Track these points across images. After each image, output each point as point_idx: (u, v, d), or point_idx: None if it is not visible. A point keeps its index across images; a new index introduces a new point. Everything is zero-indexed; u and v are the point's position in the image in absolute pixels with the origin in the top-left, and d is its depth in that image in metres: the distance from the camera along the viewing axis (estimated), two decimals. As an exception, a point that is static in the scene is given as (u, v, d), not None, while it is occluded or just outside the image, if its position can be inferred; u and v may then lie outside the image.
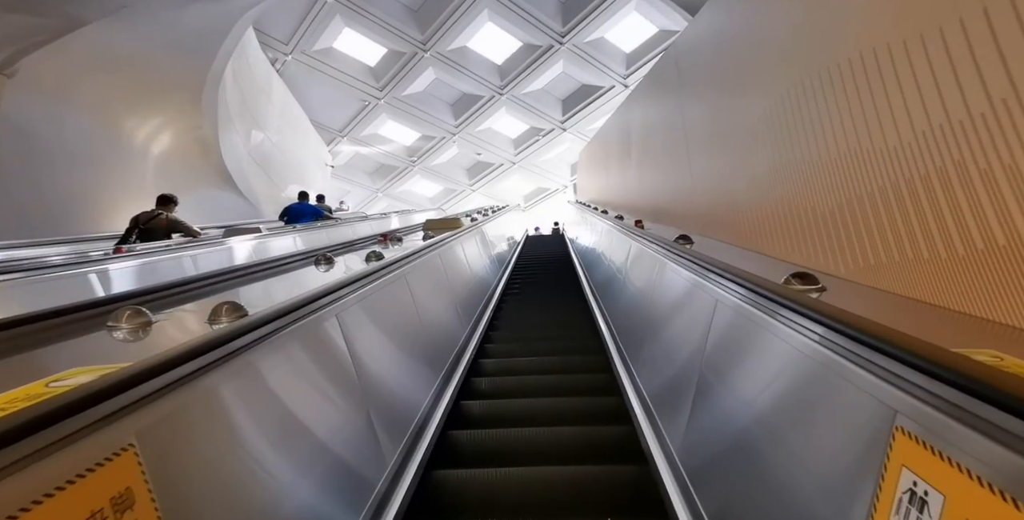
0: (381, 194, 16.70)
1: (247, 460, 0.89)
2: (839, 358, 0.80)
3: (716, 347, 1.31)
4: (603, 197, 7.66)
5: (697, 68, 2.91)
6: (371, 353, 1.61)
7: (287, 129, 11.50)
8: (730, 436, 1.15)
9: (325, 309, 1.28)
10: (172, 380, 0.72)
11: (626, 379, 2.36)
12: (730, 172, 2.38)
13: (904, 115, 1.14)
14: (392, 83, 12.19)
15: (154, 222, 4.64)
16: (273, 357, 1.06)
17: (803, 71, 1.64)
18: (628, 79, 12.01)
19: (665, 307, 2.11)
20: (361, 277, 1.53)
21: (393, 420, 1.59)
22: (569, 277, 5.77)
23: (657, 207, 3.94)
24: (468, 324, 3.34)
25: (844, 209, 1.37)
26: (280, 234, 4.78)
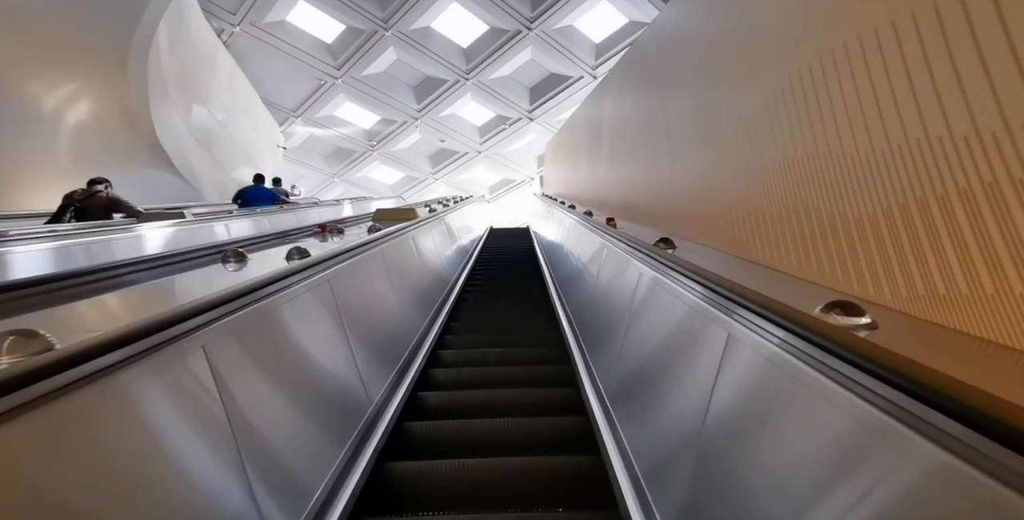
0: (338, 179, 15.92)
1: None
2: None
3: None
4: (571, 191, 7.40)
5: (682, 54, 2.63)
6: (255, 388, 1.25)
7: (234, 106, 10.64)
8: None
9: (172, 344, 0.90)
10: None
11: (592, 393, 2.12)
12: (722, 168, 2.12)
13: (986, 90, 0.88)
14: (350, 62, 11.49)
15: (93, 200, 4.24)
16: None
17: (822, 44, 1.37)
18: (597, 70, 11.77)
19: (651, 328, 1.83)
20: (236, 296, 1.13)
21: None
22: (533, 273, 5.50)
23: (631, 204, 3.68)
24: (420, 328, 3.00)
25: (881, 218, 1.11)
26: (210, 220, 4.25)
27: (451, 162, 15.71)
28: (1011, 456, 0.46)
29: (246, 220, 4.73)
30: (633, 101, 3.79)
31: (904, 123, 1.06)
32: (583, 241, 3.91)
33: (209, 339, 0.97)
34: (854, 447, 0.67)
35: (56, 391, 0.66)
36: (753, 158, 1.81)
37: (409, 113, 13.39)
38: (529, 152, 15.67)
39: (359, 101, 12.91)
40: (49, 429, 0.65)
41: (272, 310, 1.34)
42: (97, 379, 0.72)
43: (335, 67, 11.62)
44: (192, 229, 3.73)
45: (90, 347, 0.71)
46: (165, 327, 0.83)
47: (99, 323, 0.91)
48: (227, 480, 0.94)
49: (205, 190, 9.24)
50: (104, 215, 4.13)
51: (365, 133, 14.39)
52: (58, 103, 6.19)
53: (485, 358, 2.89)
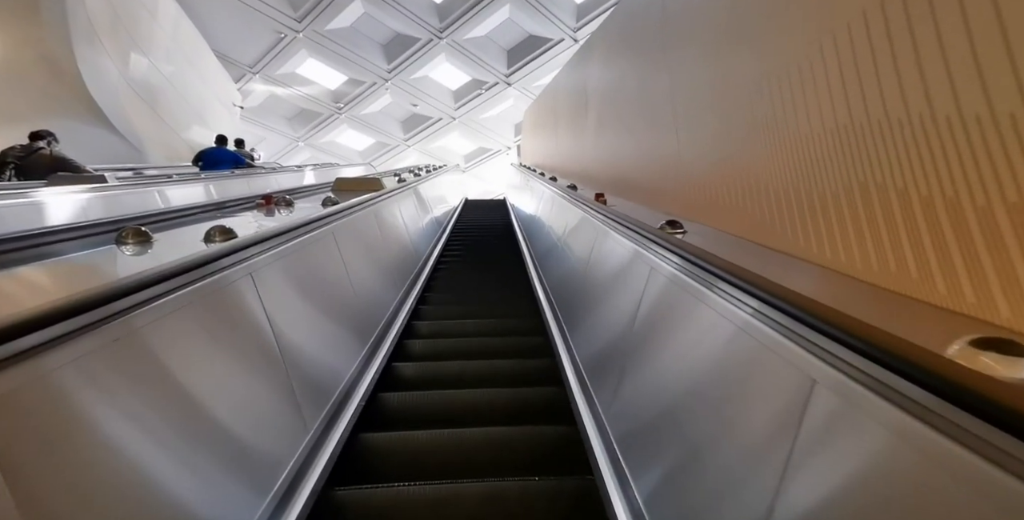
0: (303, 143, 14.95)
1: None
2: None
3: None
4: (551, 162, 6.96)
5: (695, 8, 2.20)
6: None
7: (181, 58, 9.60)
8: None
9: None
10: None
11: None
12: (744, 139, 1.74)
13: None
14: (312, 14, 10.49)
15: (35, 158, 3.90)
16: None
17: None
18: (578, 33, 11.11)
19: (656, 323, 1.51)
20: (91, 304, 0.74)
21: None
22: (510, 247, 5.12)
23: (623, 179, 3.30)
24: (390, 305, 2.60)
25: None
26: (140, 185, 3.66)
27: (424, 128, 14.91)
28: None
29: (186, 187, 4.14)
30: (627, 64, 3.34)
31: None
32: (567, 217, 3.53)
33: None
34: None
35: None
36: (789, 125, 1.44)
37: (379, 74, 12.49)
38: (506, 120, 14.99)
39: (323, 58, 11.93)
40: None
41: (159, 315, 0.94)
42: None
43: (296, 19, 10.60)
44: (111, 196, 3.16)
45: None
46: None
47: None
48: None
49: (149, 151, 8.38)
50: (48, 173, 3.62)
51: (331, 94, 13.42)
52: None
53: (463, 329, 2.85)
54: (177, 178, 4.63)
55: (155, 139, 8.69)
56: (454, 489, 1.46)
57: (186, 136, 9.83)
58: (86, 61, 6.55)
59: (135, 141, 7.97)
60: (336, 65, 12.23)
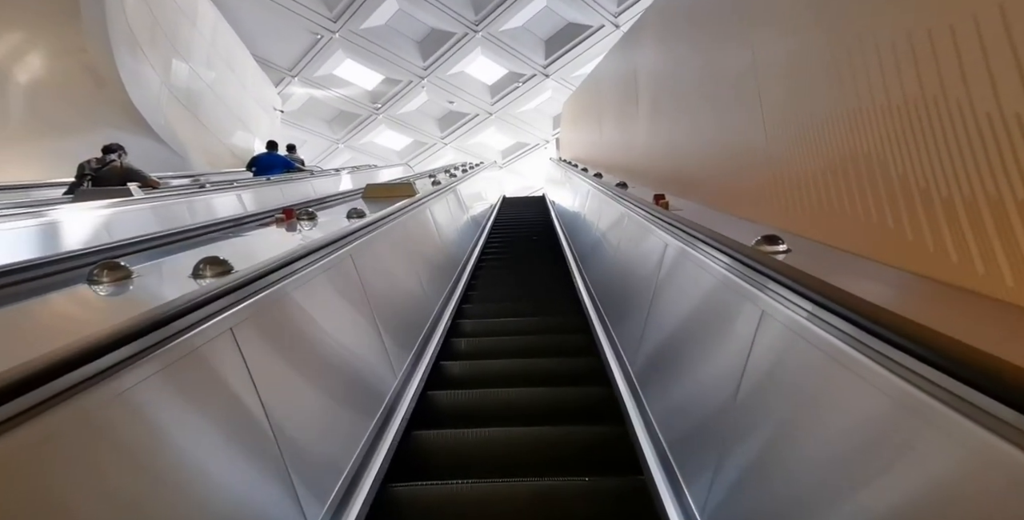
0: (342, 145, 15.02)
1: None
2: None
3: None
4: (593, 156, 6.49)
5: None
6: None
7: (221, 63, 9.70)
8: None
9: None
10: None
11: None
12: (885, 124, 1.28)
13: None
14: (347, 13, 10.37)
15: (107, 169, 4.20)
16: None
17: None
18: (620, 18, 10.50)
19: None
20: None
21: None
22: (551, 251, 4.72)
23: (686, 176, 2.83)
24: (422, 329, 2.29)
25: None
26: (167, 198, 3.49)
27: (460, 125, 14.66)
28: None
29: (216, 197, 3.98)
30: (690, 41, 2.86)
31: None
32: (617, 221, 3.09)
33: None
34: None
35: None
36: (962, 103, 0.98)
37: (414, 72, 12.30)
38: (544, 113, 14.52)
39: (360, 58, 11.84)
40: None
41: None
42: None
43: (331, 19, 10.51)
44: (132, 212, 2.99)
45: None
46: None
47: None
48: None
49: (191, 157, 8.48)
50: (120, 184, 4.01)
51: (368, 94, 13.36)
52: (3, 55, 5.38)
53: (504, 328, 2.88)
54: (210, 187, 4.50)
55: (197, 145, 8.80)
56: (504, 487, 1.47)
57: (228, 141, 9.95)
58: (127, 70, 6.61)
59: (178, 148, 8.07)
60: (372, 65, 12.13)
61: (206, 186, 4.50)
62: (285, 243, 1.73)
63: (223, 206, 3.86)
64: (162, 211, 3.23)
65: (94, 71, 6.19)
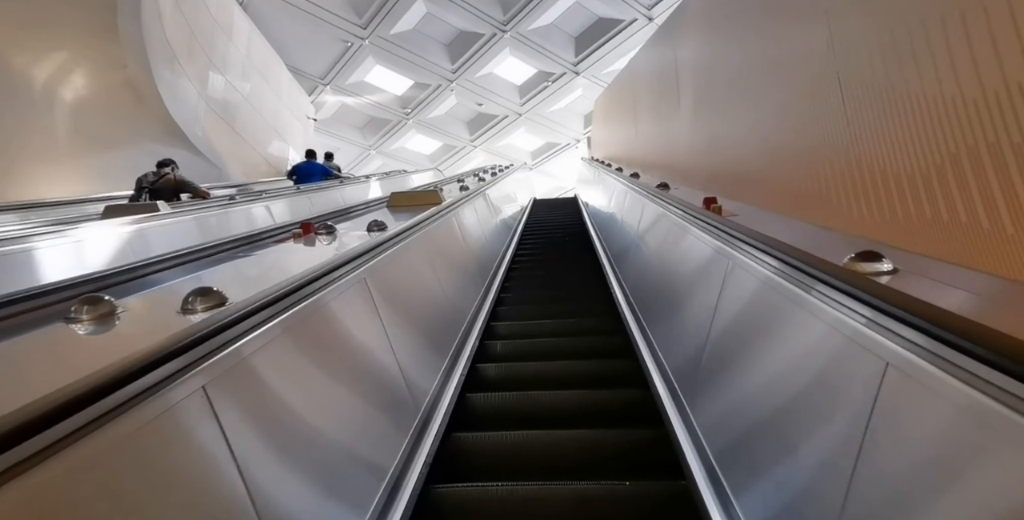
0: (374, 151, 15.16)
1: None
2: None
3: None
4: (628, 154, 6.20)
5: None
6: None
7: (256, 75, 9.89)
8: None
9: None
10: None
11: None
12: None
13: None
14: (376, 19, 10.40)
15: (163, 182, 4.54)
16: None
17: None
18: (653, 10, 10.11)
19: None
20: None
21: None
22: (585, 254, 4.48)
23: (739, 175, 2.55)
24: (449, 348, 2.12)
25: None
26: (192, 211, 3.45)
27: (490, 127, 14.54)
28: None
29: (243, 209, 3.93)
30: (746, 27, 2.57)
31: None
32: (661, 228, 2.83)
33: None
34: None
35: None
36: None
37: (443, 75, 12.25)
38: (574, 111, 14.23)
39: (389, 64, 11.88)
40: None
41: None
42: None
43: (361, 25, 10.57)
44: (157, 228, 2.93)
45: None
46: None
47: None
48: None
49: (228, 168, 8.65)
50: (173, 196, 4.47)
51: (398, 100, 13.42)
52: (50, 77, 5.56)
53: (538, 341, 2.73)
54: (240, 199, 4.48)
55: (233, 156, 8.97)
56: (543, 491, 1.47)
57: (263, 151, 10.14)
58: (166, 83, 6.76)
59: (215, 159, 8.24)
60: (402, 70, 12.15)
61: (236, 198, 4.48)
62: (299, 262, 1.57)
63: (249, 219, 3.80)
64: (187, 226, 3.18)
65: (134, 86, 6.35)
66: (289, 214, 4.56)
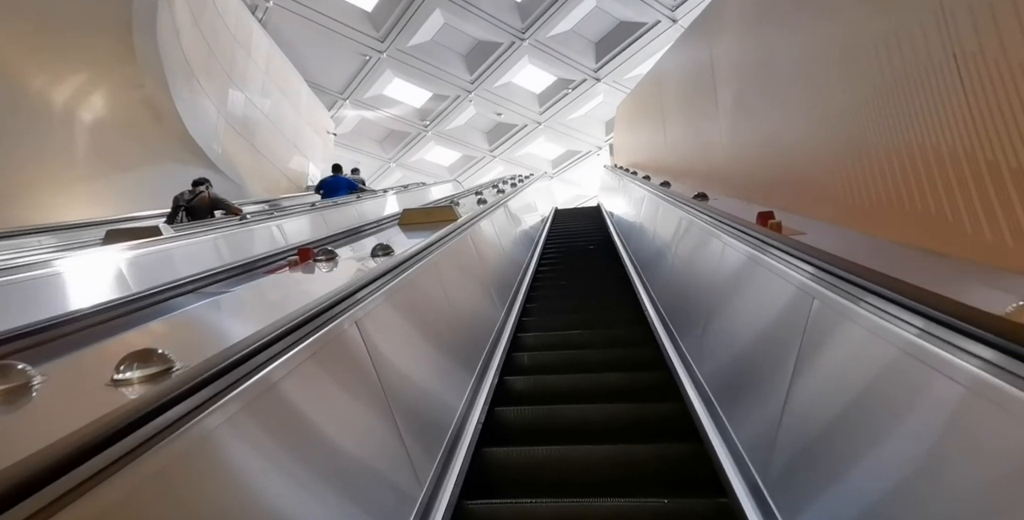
0: (394, 164, 15.13)
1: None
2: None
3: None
4: (657, 161, 5.85)
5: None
6: None
7: (276, 91, 9.91)
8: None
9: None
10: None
11: None
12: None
13: None
14: (394, 32, 10.34)
15: (197, 200, 4.74)
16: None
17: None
18: (677, 11, 9.77)
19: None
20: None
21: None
22: (612, 269, 4.13)
23: (804, 184, 2.20)
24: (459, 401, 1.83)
25: None
26: (198, 234, 3.27)
27: (509, 137, 14.34)
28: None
29: (250, 231, 3.73)
30: (809, 11, 2.24)
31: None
32: (705, 248, 2.49)
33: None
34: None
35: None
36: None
37: (462, 86, 12.12)
38: (595, 118, 13.92)
39: (408, 76, 11.82)
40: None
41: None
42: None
43: (378, 39, 10.53)
44: (155, 254, 2.73)
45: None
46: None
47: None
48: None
49: (248, 184, 8.62)
50: (208, 213, 4.68)
51: (417, 112, 13.35)
52: (69, 97, 5.56)
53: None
54: (250, 218, 4.30)
55: (253, 173, 8.95)
56: (578, 508, 1.44)
57: (283, 167, 10.13)
58: (184, 102, 6.74)
59: (234, 176, 8.21)
60: (420, 82, 12.08)
61: (248, 217, 4.31)
62: (282, 304, 1.30)
63: (254, 241, 3.60)
64: (188, 250, 2.98)
65: (152, 105, 6.33)
66: (301, 233, 4.37)
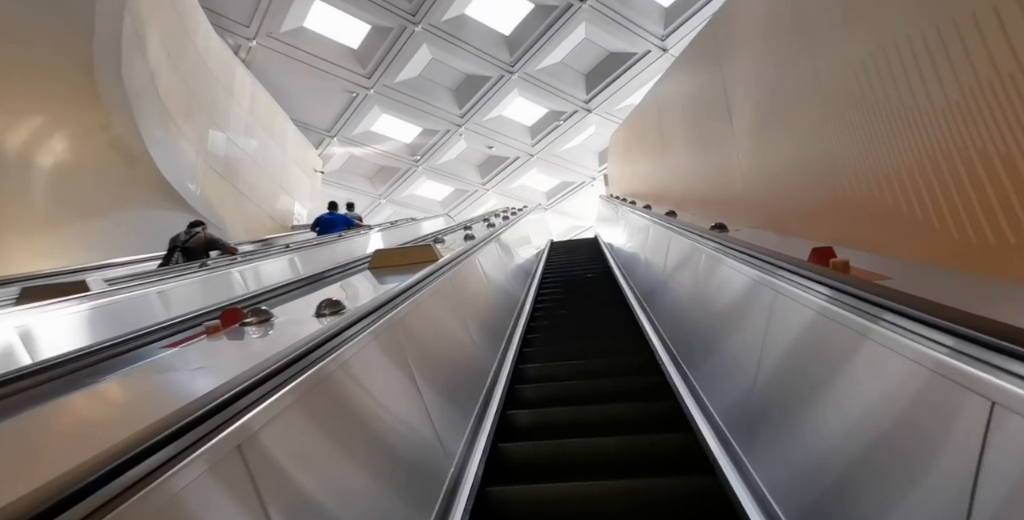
0: (384, 200, 14.85)
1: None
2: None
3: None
4: (659, 190, 5.48)
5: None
6: None
7: (260, 130, 9.68)
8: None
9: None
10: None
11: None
12: None
13: None
14: (381, 68, 10.23)
15: (193, 241, 4.75)
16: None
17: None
18: (667, 41, 9.71)
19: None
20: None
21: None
22: (617, 312, 3.65)
23: (872, 209, 1.76)
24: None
25: None
26: (131, 288, 2.79)
27: (502, 169, 14.14)
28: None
29: (192, 283, 3.27)
30: (853, 23, 1.87)
31: None
32: (745, 293, 2.02)
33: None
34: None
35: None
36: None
37: (451, 120, 11.98)
38: (589, 149, 13.77)
39: (396, 112, 11.67)
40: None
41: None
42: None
43: (365, 76, 10.42)
44: (71, 316, 2.25)
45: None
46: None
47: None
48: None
49: (230, 226, 8.21)
50: (203, 254, 4.67)
51: (407, 148, 13.17)
52: (26, 142, 5.19)
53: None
54: (211, 264, 3.84)
55: (236, 214, 8.57)
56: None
57: (268, 208, 9.77)
58: (159, 144, 6.41)
59: (214, 219, 7.80)
60: (409, 118, 11.93)
61: (208, 263, 3.85)
62: (149, 407, 0.82)
63: (205, 292, 3.13)
64: (116, 308, 2.50)
65: (121, 148, 5.98)
66: (269, 277, 3.90)
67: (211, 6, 8.30)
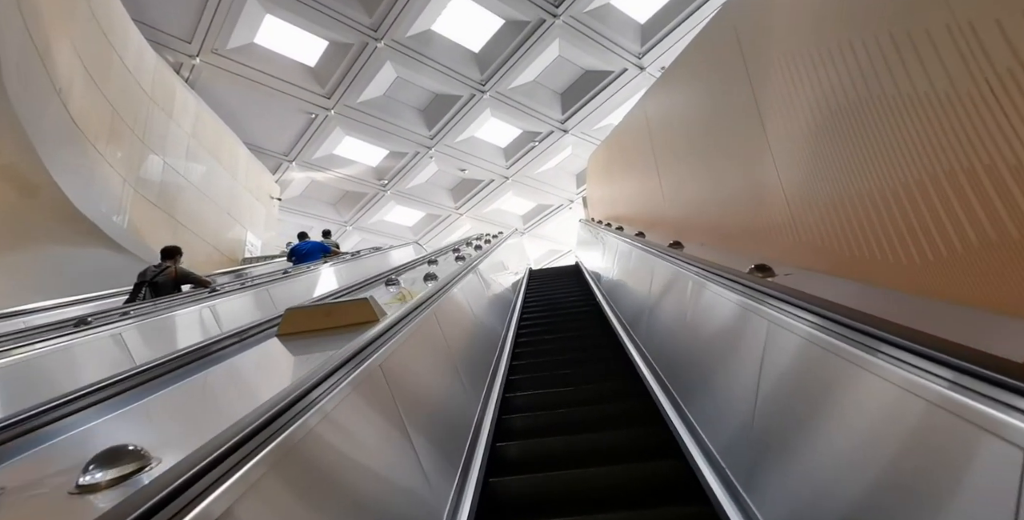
0: (351, 227, 13.93)
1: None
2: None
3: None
4: (651, 215, 4.80)
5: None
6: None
7: (205, 155, 8.75)
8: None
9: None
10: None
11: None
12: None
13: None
14: (342, 87, 9.50)
15: (163, 275, 4.47)
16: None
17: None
18: (644, 58, 9.29)
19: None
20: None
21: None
22: (610, 355, 2.87)
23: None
24: None
25: None
26: (22, 341, 1.89)
27: (475, 193, 13.44)
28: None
29: (52, 349, 2.36)
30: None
31: None
32: (797, 367, 1.27)
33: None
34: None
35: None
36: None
37: (420, 142, 11.27)
38: (565, 170, 13.23)
39: (360, 134, 10.91)
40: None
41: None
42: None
43: (324, 95, 9.66)
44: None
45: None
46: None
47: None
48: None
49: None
50: (174, 289, 4.40)
51: (373, 171, 12.37)
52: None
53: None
54: (92, 320, 2.93)
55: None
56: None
57: (213, 240, 8.77)
58: (69, 171, 5.46)
59: (144, 255, 6.79)
60: (374, 140, 11.18)
61: (90, 319, 2.94)
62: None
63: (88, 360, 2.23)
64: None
65: (16, 177, 5.01)
66: (158, 343, 2.99)
67: (145, 20, 7.48)
